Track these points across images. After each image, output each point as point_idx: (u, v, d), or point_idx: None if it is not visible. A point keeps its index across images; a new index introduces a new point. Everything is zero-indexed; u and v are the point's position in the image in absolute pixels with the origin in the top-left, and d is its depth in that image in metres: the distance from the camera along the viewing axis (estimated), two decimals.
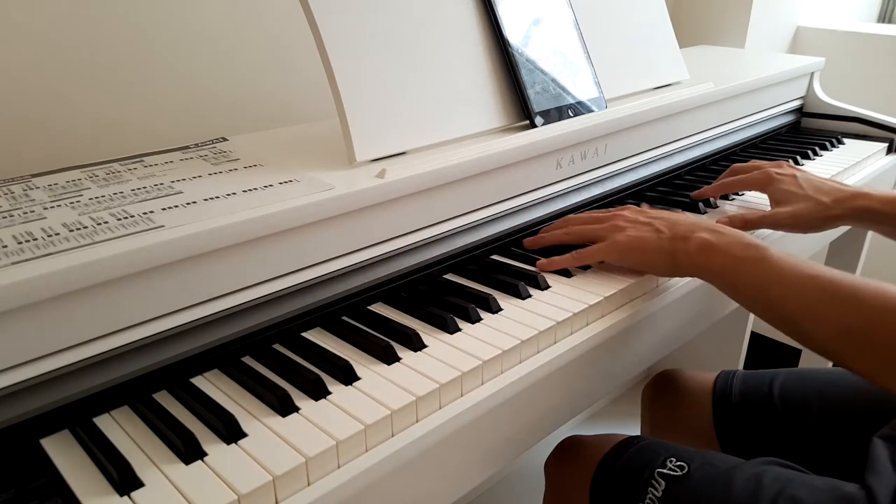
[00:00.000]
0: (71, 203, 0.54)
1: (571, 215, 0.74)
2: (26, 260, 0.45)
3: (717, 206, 0.87)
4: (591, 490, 0.69)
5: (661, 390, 0.91)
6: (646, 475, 0.65)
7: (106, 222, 0.50)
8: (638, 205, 0.82)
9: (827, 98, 1.23)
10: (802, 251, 0.98)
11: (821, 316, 0.55)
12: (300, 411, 0.48)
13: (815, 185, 0.77)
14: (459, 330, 0.58)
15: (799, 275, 0.56)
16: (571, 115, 0.79)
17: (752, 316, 1.50)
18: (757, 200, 0.89)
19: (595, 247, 0.67)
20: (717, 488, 0.61)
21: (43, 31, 0.77)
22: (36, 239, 0.48)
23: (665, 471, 0.64)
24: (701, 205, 0.85)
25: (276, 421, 0.47)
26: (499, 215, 0.73)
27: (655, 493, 0.63)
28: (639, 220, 0.67)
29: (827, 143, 1.12)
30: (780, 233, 0.85)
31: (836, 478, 0.61)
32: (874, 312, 0.52)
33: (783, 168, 0.81)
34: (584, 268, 0.69)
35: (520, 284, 0.64)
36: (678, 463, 0.65)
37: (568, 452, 0.77)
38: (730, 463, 0.64)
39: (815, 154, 1.08)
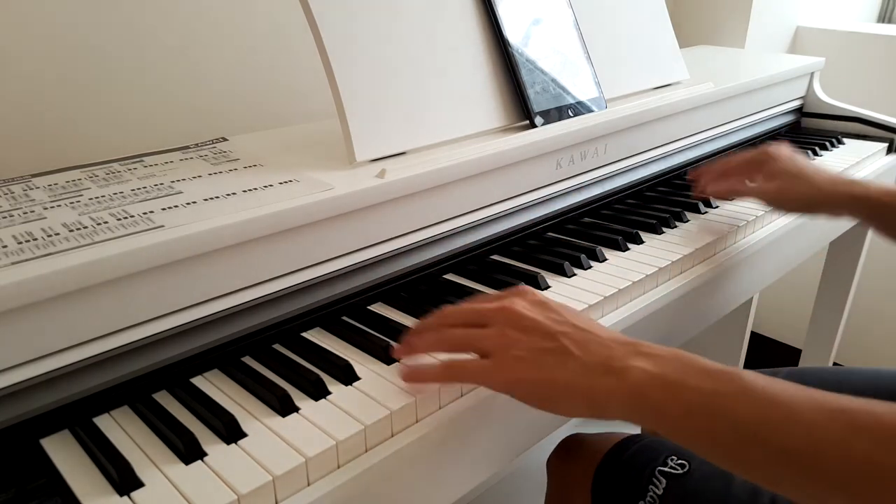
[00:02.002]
0: (71, 203, 0.54)
1: (449, 308, 0.51)
2: (26, 260, 0.45)
3: (717, 207, 0.86)
4: (592, 488, 0.69)
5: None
6: (647, 473, 0.65)
7: (106, 222, 0.50)
8: (639, 205, 0.82)
9: (827, 98, 1.23)
10: (802, 251, 0.98)
11: (835, 442, 0.37)
12: (300, 411, 0.48)
13: (815, 168, 0.75)
14: None
15: (799, 397, 0.39)
16: (571, 115, 0.79)
17: (752, 315, 1.50)
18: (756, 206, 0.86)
19: (475, 366, 0.47)
20: (718, 486, 0.61)
21: (43, 32, 0.77)
22: (36, 239, 0.48)
23: (666, 469, 0.64)
24: (701, 204, 0.85)
25: (276, 421, 0.47)
26: (499, 215, 0.73)
27: (656, 490, 0.63)
28: (538, 322, 0.46)
29: (827, 143, 1.12)
30: (776, 232, 0.85)
31: None
32: None
33: (780, 147, 0.80)
34: (585, 267, 0.69)
35: (520, 284, 0.64)
36: (679, 461, 0.65)
37: (570, 450, 0.77)
38: None
39: (815, 154, 1.08)
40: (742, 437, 0.39)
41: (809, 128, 1.25)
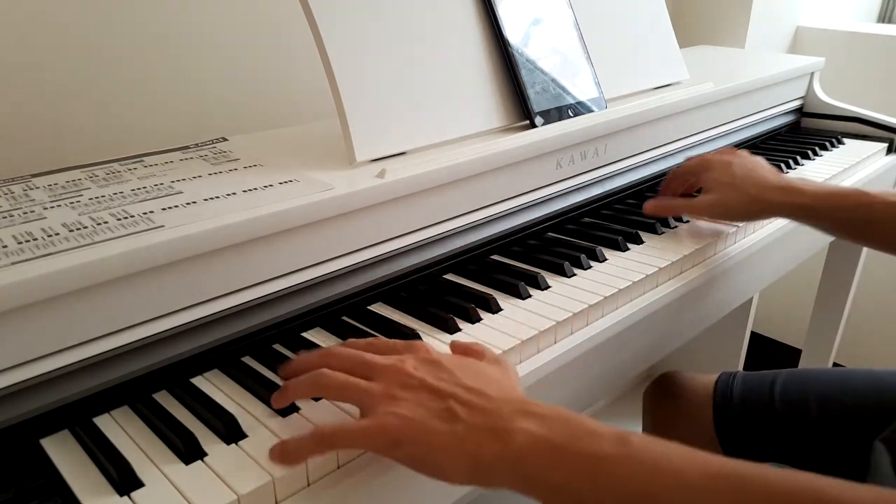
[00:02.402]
0: (71, 203, 0.54)
1: (337, 348, 0.48)
2: (26, 260, 0.45)
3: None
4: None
5: (662, 392, 0.91)
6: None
7: (106, 222, 0.50)
8: (640, 206, 0.82)
9: (827, 98, 1.23)
10: (802, 251, 0.98)
11: None
12: (300, 412, 0.48)
13: (746, 174, 0.74)
14: (459, 330, 0.58)
15: (702, 474, 0.37)
16: (571, 115, 0.79)
17: (752, 316, 1.50)
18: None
19: (352, 427, 0.42)
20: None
21: (43, 31, 0.77)
22: (36, 239, 0.48)
23: None
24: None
25: (276, 421, 0.47)
26: (499, 215, 0.73)
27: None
28: (426, 382, 0.43)
29: (827, 143, 1.12)
30: (776, 233, 0.85)
31: (837, 479, 0.61)
32: None
33: (723, 154, 0.78)
34: (585, 267, 0.69)
35: (520, 284, 0.64)
36: None
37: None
38: None
39: (815, 154, 1.08)
40: None
41: (809, 128, 1.25)
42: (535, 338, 0.57)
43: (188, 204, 0.54)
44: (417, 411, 0.42)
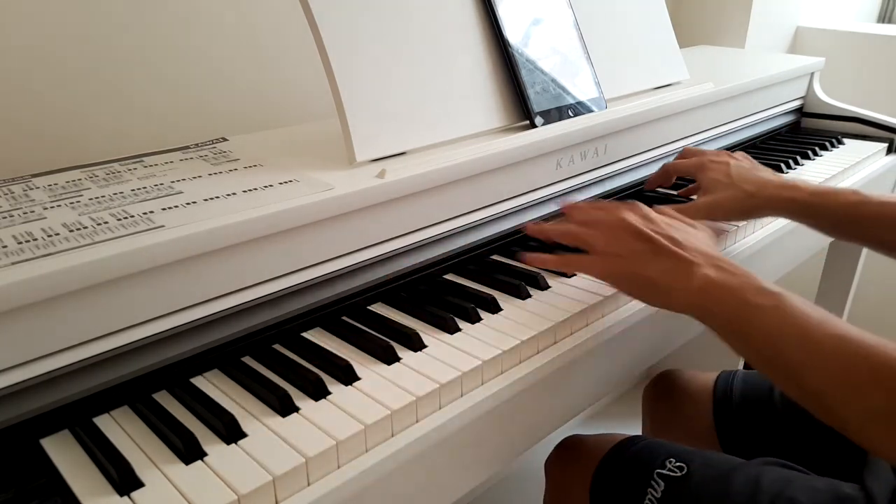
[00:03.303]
0: (71, 203, 0.54)
1: (578, 203, 0.67)
2: (26, 260, 0.45)
3: None
4: (590, 490, 0.69)
5: (662, 391, 0.91)
6: (645, 475, 0.65)
7: (106, 222, 0.50)
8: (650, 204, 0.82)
9: (827, 98, 1.23)
10: (802, 251, 0.98)
11: (849, 392, 0.44)
12: (300, 411, 0.48)
13: (742, 174, 0.74)
14: (459, 330, 0.58)
15: (826, 334, 0.46)
16: (571, 115, 0.79)
17: None
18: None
19: (583, 260, 0.59)
20: (717, 489, 0.61)
21: (43, 31, 0.77)
22: (36, 239, 0.48)
23: (665, 471, 0.64)
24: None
25: (276, 421, 0.47)
26: (499, 215, 0.73)
27: (655, 493, 0.63)
28: (641, 231, 0.57)
29: (827, 144, 1.12)
30: (776, 233, 0.85)
31: (837, 477, 0.61)
32: None
33: (720, 156, 0.79)
34: None
35: (520, 284, 0.64)
36: (678, 463, 0.65)
37: (568, 452, 0.77)
38: (729, 464, 0.64)
39: (815, 154, 1.08)
40: (768, 351, 0.49)
41: (809, 128, 1.25)
42: (535, 338, 0.57)
43: (188, 204, 0.54)
44: (631, 251, 0.56)
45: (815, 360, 0.46)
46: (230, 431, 0.46)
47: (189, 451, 0.44)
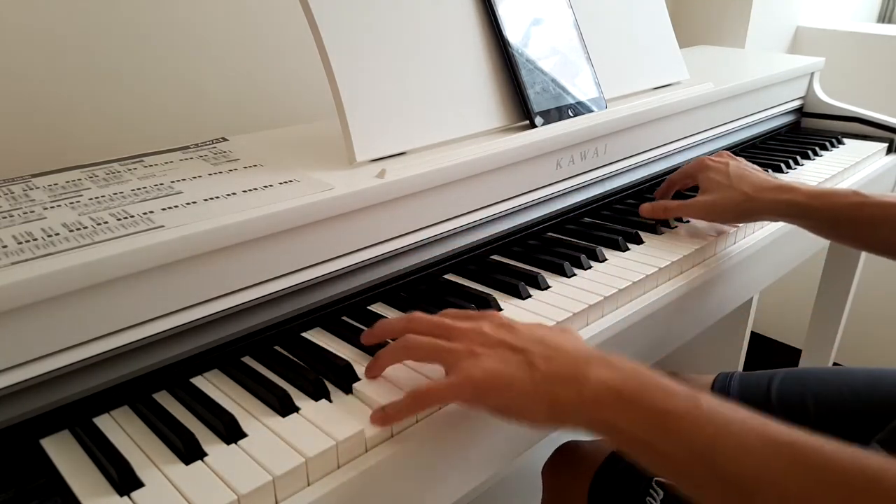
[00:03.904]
0: (71, 203, 0.54)
1: (418, 314, 0.52)
2: (26, 260, 0.45)
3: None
4: (588, 497, 0.68)
5: None
6: (644, 483, 0.64)
7: (106, 222, 0.50)
8: (636, 204, 0.82)
9: (827, 98, 1.23)
10: (802, 251, 0.98)
11: (769, 483, 0.38)
12: (300, 411, 0.48)
13: (741, 175, 0.74)
14: None
15: (750, 429, 0.40)
16: (571, 115, 0.79)
17: (752, 316, 1.50)
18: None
19: (440, 385, 0.47)
20: None
21: (43, 31, 0.77)
22: (36, 239, 0.48)
23: (664, 479, 0.64)
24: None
25: (276, 421, 0.47)
26: (499, 215, 0.73)
27: (654, 501, 0.63)
28: (504, 340, 0.47)
29: (827, 143, 1.12)
30: (775, 233, 0.85)
31: None
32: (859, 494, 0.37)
33: (720, 156, 0.79)
34: (585, 267, 0.69)
35: (520, 284, 0.64)
36: None
37: (565, 458, 0.76)
38: None
39: (815, 154, 1.08)
40: (691, 459, 0.40)
41: (809, 128, 1.25)
42: None
43: (188, 204, 0.54)
44: (499, 364, 0.46)
45: (739, 452, 0.39)
46: (230, 431, 0.46)
47: (189, 451, 0.44)
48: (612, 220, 0.83)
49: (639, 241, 0.76)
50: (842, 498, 0.36)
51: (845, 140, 1.16)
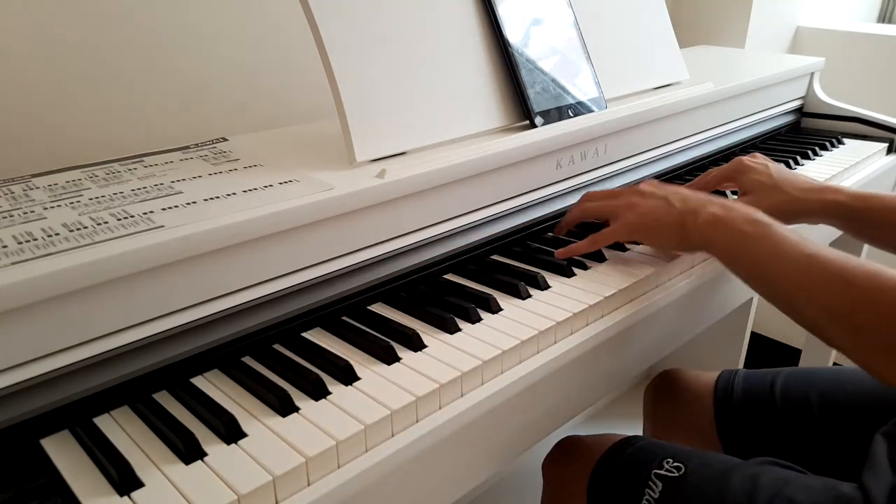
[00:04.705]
0: (71, 203, 0.54)
1: (590, 191, 0.75)
2: (26, 260, 0.45)
3: None
4: (588, 491, 0.69)
5: (663, 390, 0.91)
6: (643, 476, 0.65)
7: (106, 222, 0.50)
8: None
9: (827, 98, 1.23)
10: None
11: (809, 294, 0.55)
12: (300, 411, 0.48)
13: (784, 176, 0.75)
14: (459, 330, 0.58)
15: (797, 253, 0.56)
16: (571, 115, 0.79)
17: (752, 315, 1.50)
18: None
19: (609, 230, 0.68)
20: (714, 489, 0.61)
21: (43, 31, 0.77)
22: (36, 239, 0.48)
23: (662, 472, 0.64)
24: None
25: (276, 421, 0.47)
26: (499, 215, 0.73)
27: (653, 494, 0.63)
28: (655, 193, 0.67)
29: (827, 143, 1.12)
30: None
31: (839, 477, 0.61)
32: (859, 293, 0.52)
33: (756, 158, 0.79)
34: (585, 267, 0.69)
35: (520, 284, 0.64)
36: (675, 464, 0.65)
37: (565, 452, 0.77)
38: (727, 464, 0.64)
39: (815, 154, 1.08)
40: (756, 269, 0.60)
41: (809, 128, 1.25)
42: (535, 338, 0.57)
43: (188, 204, 0.54)
44: (647, 208, 0.67)
45: (785, 272, 0.56)
46: (230, 431, 0.46)
47: (189, 451, 0.44)
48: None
49: (639, 241, 0.76)
50: (852, 301, 0.52)
51: (845, 140, 1.16)
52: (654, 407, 0.92)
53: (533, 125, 0.75)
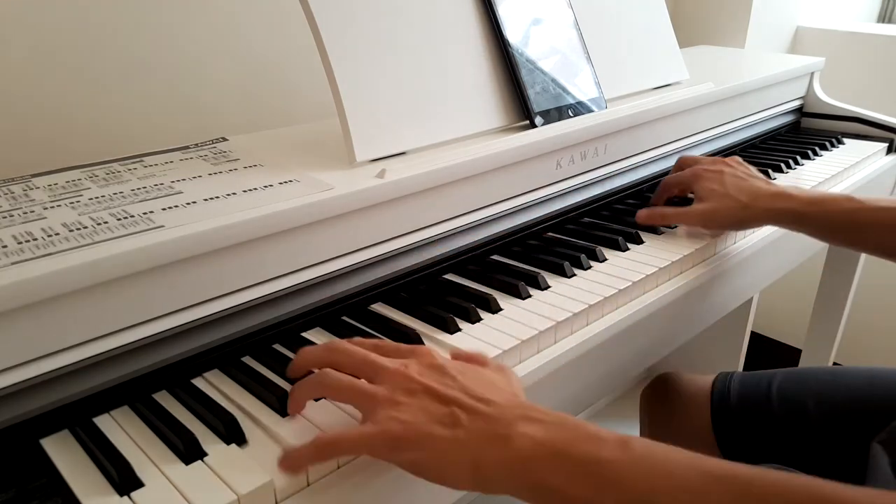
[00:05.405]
0: (71, 203, 0.54)
1: (342, 344, 0.48)
2: (26, 260, 0.45)
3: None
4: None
5: (660, 393, 0.91)
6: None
7: (106, 222, 0.50)
8: (640, 206, 0.82)
9: (827, 98, 1.23)
10: (802, 251, 0.98)
11: None
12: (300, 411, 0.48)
13: (737, 183, 0.74)
14: (459, 330, 0.58)
15: (687, 467, 0.38)
16: (571, 115, 0.79)
17: (752, 316, 1.50)
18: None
19: (354, 434, 0.42)
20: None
21: (42, 31, 0.77)
22: (36, 239, 0.48)
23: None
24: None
25: (275, 421, 0.47)
26: (499, 215, 0.73)
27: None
28: (431, 388, 0.43)
29: (827, 143, 1.12)
30: (775, 233, 0.85)
31: (835, 479, 0.61)
32: None
33: (715, 164, 0.79)
34: (585, 267, 0.69)
35: (520, 284, 0.64)
36: None
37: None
38: None
39: (815, 154, 1.08)
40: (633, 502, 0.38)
41: (809, 128, 1.25)
42: (535, 338, 0.57)
43: (188, 204, 0.54)
44: (420, 416, 0.42)
45: (678, 493, 0.37)
46: (230, 431, 0.46)
47: (189, 451, 0.44)
48: (612, 219, 0.83)
49: (639, 241, 0.76)
50: None
51: (845, 140, 1.16)
52: (651, 410, 0.92)
53: (533, 125, 0.75)
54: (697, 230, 0.79)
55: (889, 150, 1.15)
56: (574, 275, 0.68)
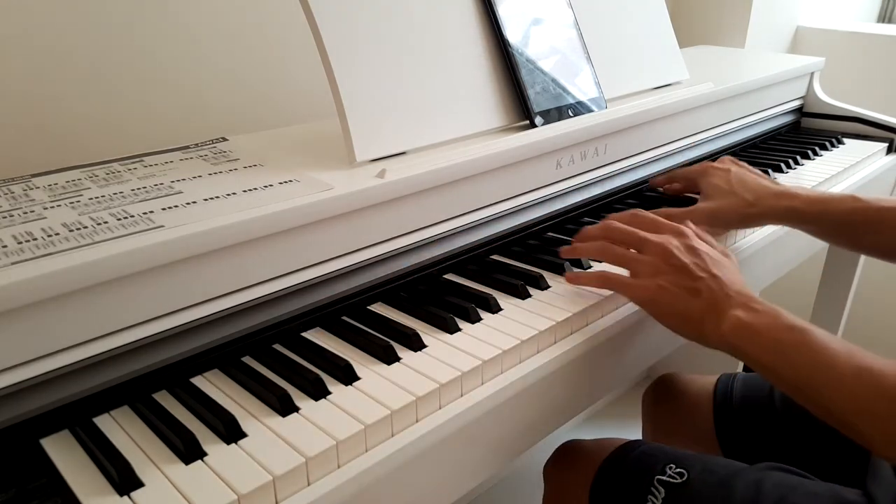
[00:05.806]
0: (71, 203, 0.54)
1: (614, 222, 0.65)
2: (26, 260, 0.45)
3: None
4: (590, 497, 0.68)
5: (662, 394, 0.91)
6: (645, 482, 0.65)
7: (106, 222, 0.50)
8: (639, 206, 0.82)
9: (827, 98, 1.23)
10: (802, 251, 0.98)
11: (860, 407, 0.48)
12: (300, 411, 0.48)
13: (743, 181, 0.75)
14: (459, 330, 0.58)
15: (847, 366, 0.49)
16: (571, 115, 0.79)
17: None
18: None
19: (623, 282, 0.60)
20: (718, 496, 0.61)
21: (42, 31, 0.77)
22: (36, 239, 0.48)
23: (665, 478, 0.64)
24: None
25: (276, 421, 0.47)
26: (499, 215, 0.73)
27: (655, 500, 0.63)
28: (686, 266, 0.58)
29: (827, 143, 1.12)
30: (775, 233, 0.85)
31: (838, 480, 0.61)
32: None
33: (723, 163, 0.79)
34: (586, 267, 0.69)
35: (520, 284, 0.64)
36: (678, 469, 0.65)
37: (567, 457, 0.77)
38: (730, 469, 0.64)
39: (815, 154, 1.08)
40: (798, 386, 0.52)
41: (809, 128, 1.25)
42: (535, 338, 0.57)
43: (188, 204, 0.54)
44: (674, 285, 0.58)
45: (839, 392, 0.49)
46: (230, 431, 0.46)
47: (189, 451, 0.44)
48: None
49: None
50: None
51: (845, 140, 1.16)
52: (653, 411, 0.92)
53: (533, 125, 0.75)
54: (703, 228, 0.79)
55: (889, 150, 1.15)
56: None
